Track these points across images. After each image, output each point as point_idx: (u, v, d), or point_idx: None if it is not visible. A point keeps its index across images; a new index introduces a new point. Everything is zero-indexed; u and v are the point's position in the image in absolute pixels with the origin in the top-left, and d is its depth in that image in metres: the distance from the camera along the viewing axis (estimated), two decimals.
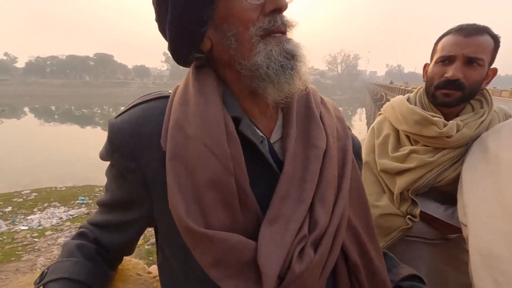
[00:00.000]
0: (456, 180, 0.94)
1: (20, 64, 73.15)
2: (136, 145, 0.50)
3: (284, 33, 0.49)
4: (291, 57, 0.48)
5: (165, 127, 0.49)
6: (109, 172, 0.56)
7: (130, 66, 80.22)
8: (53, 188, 7.16)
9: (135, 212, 0.54)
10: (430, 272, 1.03)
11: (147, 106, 0.53)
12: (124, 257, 0.67)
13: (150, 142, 0.50)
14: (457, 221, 0.92)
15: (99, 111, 38.12)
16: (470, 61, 0.88)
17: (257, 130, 0.51)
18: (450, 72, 0.89)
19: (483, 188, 0.81)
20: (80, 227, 0.60)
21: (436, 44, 0.98)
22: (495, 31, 0.90)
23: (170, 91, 0.56)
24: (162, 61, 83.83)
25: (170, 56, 0.55)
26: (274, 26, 0.47)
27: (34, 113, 34.57)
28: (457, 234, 0.96)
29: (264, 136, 0.51)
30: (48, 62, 71.32)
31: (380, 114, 1.15)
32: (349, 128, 0.64)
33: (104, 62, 70.90)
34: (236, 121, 0.49)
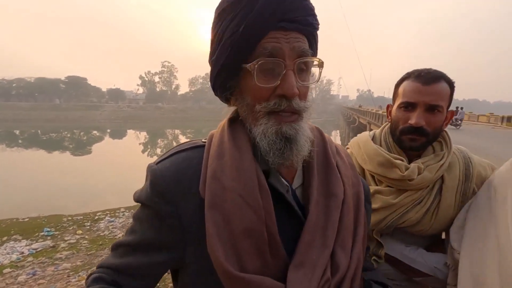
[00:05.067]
0: (418, 222, 0.96)
1: None
2: (176, 191, 0.54)
3: (293, 112, 0.52)
4: (284, 138, 0.52)
5: (203, 176, 0.54)
6: (141, 214, 0.58)
7: (104, 89, 78.30)
8: (14, 220, 6.53)
9: (164, 254, 0.56)
10: None
11: (186, 154, 0.58)
12: None
13: (189, 188, 0.54)
14: (421, 265, 0.95)
15: (68, 135, 36.24)
16: (431, 109, 0.92)
17: (282, 179, 0.56)
18: (414, 119, 0.93)
19: (483, 224, 0.85)
20: (92, 273, 0.58)
21: (396, 87, 1.01)
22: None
23: (203, 140, 0.60)
24: (138, 85, 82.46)
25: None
26: (279, 108, 0.51)
27: None
28: (422, 277, 0.96)
29: (288, 184, 0.56)
30: (14, 85, 67.88)
31: (347, 148, 1.13)
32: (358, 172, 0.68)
33: (76, 85, 68.42)
34: (266, 172, 0.54)
